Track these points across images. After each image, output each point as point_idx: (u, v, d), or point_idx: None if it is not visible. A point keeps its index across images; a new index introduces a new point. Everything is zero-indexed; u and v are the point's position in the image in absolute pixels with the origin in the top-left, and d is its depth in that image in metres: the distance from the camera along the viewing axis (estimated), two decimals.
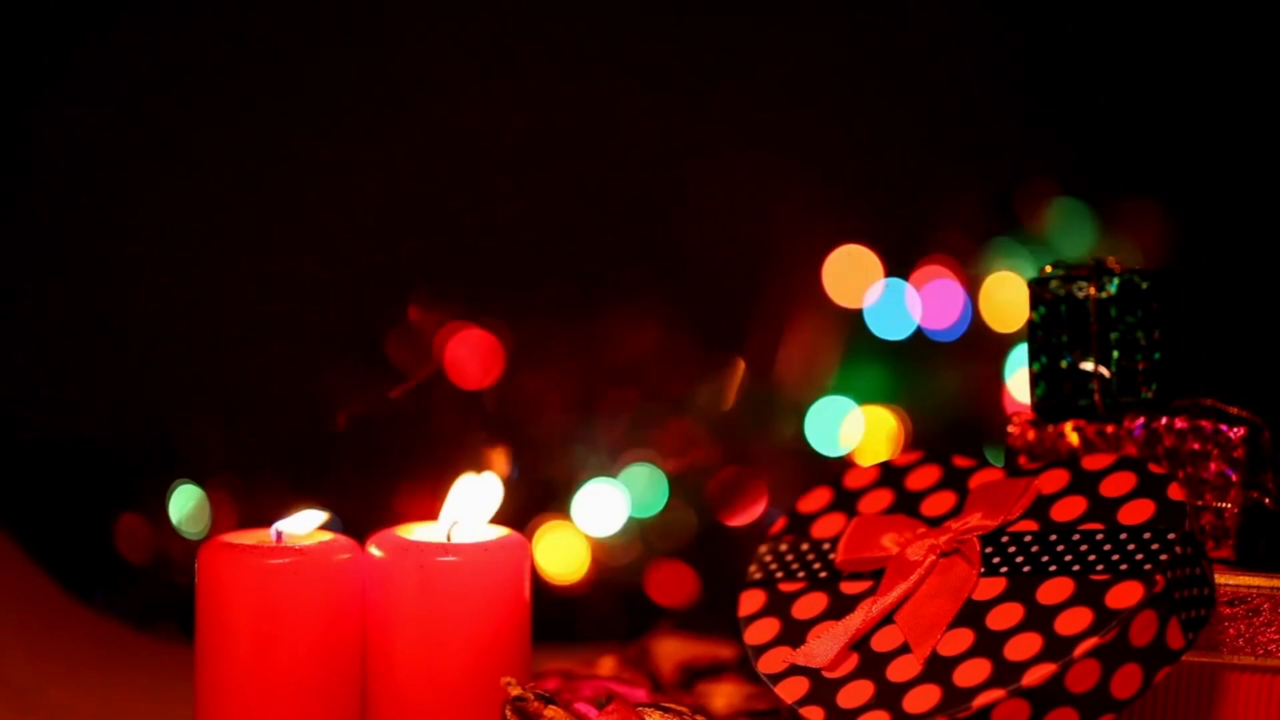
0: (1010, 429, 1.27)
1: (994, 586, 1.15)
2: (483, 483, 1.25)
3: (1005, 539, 1.17)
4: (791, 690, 1.15)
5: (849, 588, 1.19)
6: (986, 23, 1.69)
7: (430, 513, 1.26)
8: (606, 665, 1.38)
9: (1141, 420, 1.24)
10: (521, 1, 1.69)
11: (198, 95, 1.68)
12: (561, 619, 1.59)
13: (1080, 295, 1.25)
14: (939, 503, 1.22)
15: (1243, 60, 1.65)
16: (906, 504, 1.23)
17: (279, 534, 1.23)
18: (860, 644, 1.15)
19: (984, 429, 1.62)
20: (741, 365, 1.66)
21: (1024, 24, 1.68)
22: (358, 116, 1.69)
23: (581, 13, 1.69)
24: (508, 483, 1.62)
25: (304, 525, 1.23)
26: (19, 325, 1.68)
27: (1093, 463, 1.19)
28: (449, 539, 1.23)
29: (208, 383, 1.68)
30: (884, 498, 1.24)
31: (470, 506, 1.24)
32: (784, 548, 1.24)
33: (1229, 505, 1.21)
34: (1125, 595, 1.10)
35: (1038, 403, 1.26)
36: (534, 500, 1.63)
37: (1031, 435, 1.26)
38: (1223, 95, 1.66)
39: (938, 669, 1.12)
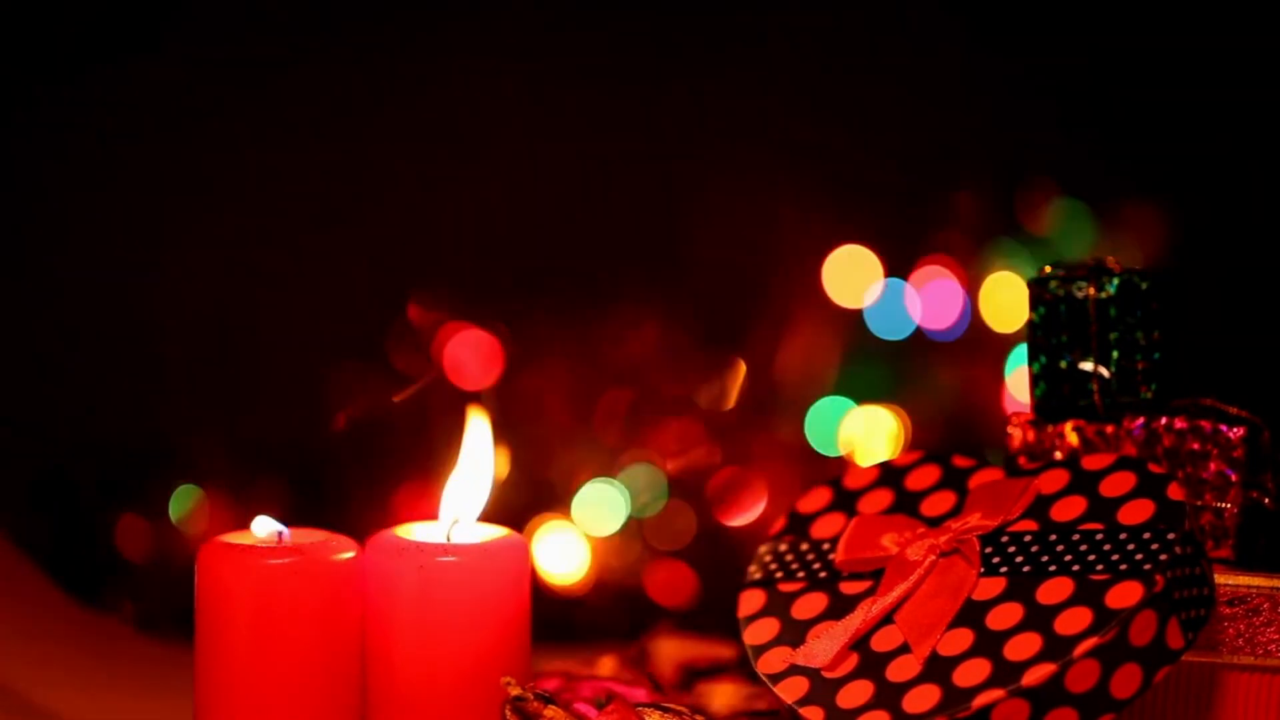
0: (1010, 429, 1.27)
1: (994, 586, 1.15)
2: (477, 430, 1.25)
3: (1005, 539, 1.17)
4: (791, 690, 1.15)
5: (849, 588, 1.19)
6: (986, 23, 1.69)
7: (430, 513, 1.26)
8: (606, 665, 1.38)
9: (1141, 420, 1.24)
10: (520, 3, 1.69)
11: (197, 94, 1.68)
12: (561, 619, 1.59)
13: (1080, 295, 1.25)
14: (939, 503, 1.22)
15: (1243, 60, 1.65)
16: (906, 504, 1.23)
17: (279, 534, 1.23)
18: (860, 644, 1.15)
19: (984, 429, 1.62)
20: (741, 365, 1.66)
21: (1024, 24, 1.68)
22: (358, 116, 1.69)
23: (581, 13, 1.69)
24: (508, 483, 1.63)
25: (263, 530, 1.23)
26: (18, 325, 1.68)
27: (1092, 463, 1.19)
28: (449, 539, 1.23)
29: (208, 383, 1.68)
30: (884, 498, 1.24)
31: (464, 494, 1.24)
32: (784, 548, 1.24)
33: (1228, 505, 1.21)
34: (1125, 595, 1.10)
35: (1037, 403, 1.26)
36: (534, 500, 1.63)
37: (1031, 435, 1.26)
38: (1223, 95, 1.66)
39: (937, 669, 1.12)
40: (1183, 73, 1.66)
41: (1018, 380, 1.62)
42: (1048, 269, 1.26)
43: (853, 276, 1.66)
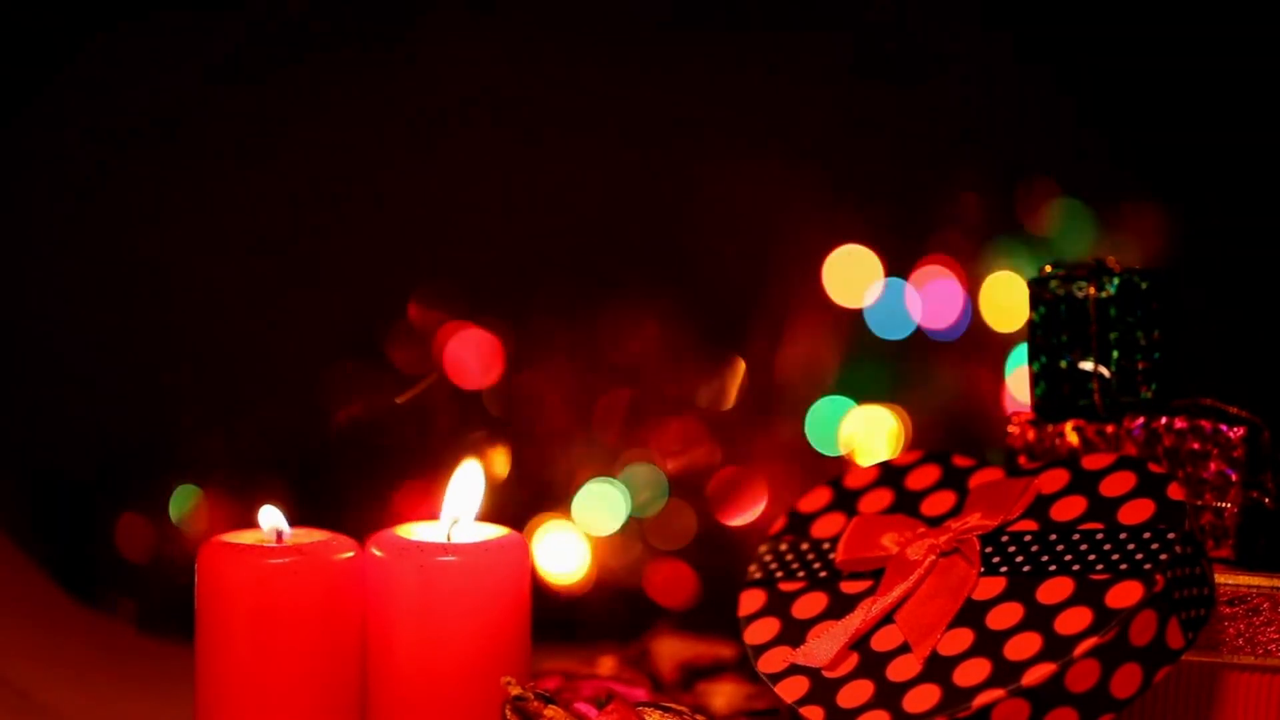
0: (1010, 429, 1.27)
1: (994, 586, 1.15)
2: (469, 471, 1.25)
3: (1005, 539, 1.17)
4: (791, 690, 1.15)
5: (849, 587, 1.19)
6: (986, 23, 1.69)
7: (430, 512, 1.26)
8: (606, 665, 1.38)
9: (1141, 420, 1.24)
10: (521, 4, 1.69)
11: (197, 93, 1.68)
12: (561, 619, 1.59)
13: (1080, 295, 1.25)
14: (939, 502, 1.22)
15: (1242, 59, 1.65)
16: (906, 504, 1.23)
17: (279, 534, 1.23)
18: (860, 644, 1.15)
19: (984, 429, 1.62)
20: (741, 365, 1.66)
21: (1023, 24, 1.68)
22: (358, 115, 1.69)
23: (582, 15, 1.69)
24: (508, 483, 1.63)
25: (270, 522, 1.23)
26: (18, 325, 1.68)
27: (1093, 462, 1.19)
28: (449, 539, 1.23)
29: (208, 383, 1.68)
30: (884, 497, 1.24)
31: (462, 495, 1.24)
32: (784, 547, 1.24)
33: (1229, 505, 1.21)
34: (1125, 595, 1.10)
35: (1038, 403, 1.26)
36: (534, 500, 1.63)
37: (1031, 435, 1.26)
38: (1223, 95, 1.66)
39: (937, 669, 1.12)
40: (1183, 72, 1.66)
41: (1018, 380, 1.62)
42: (1048, 269, 1.26)
43: (853, 276, 1.66)
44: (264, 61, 1.68)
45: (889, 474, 1.25)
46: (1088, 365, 1.25)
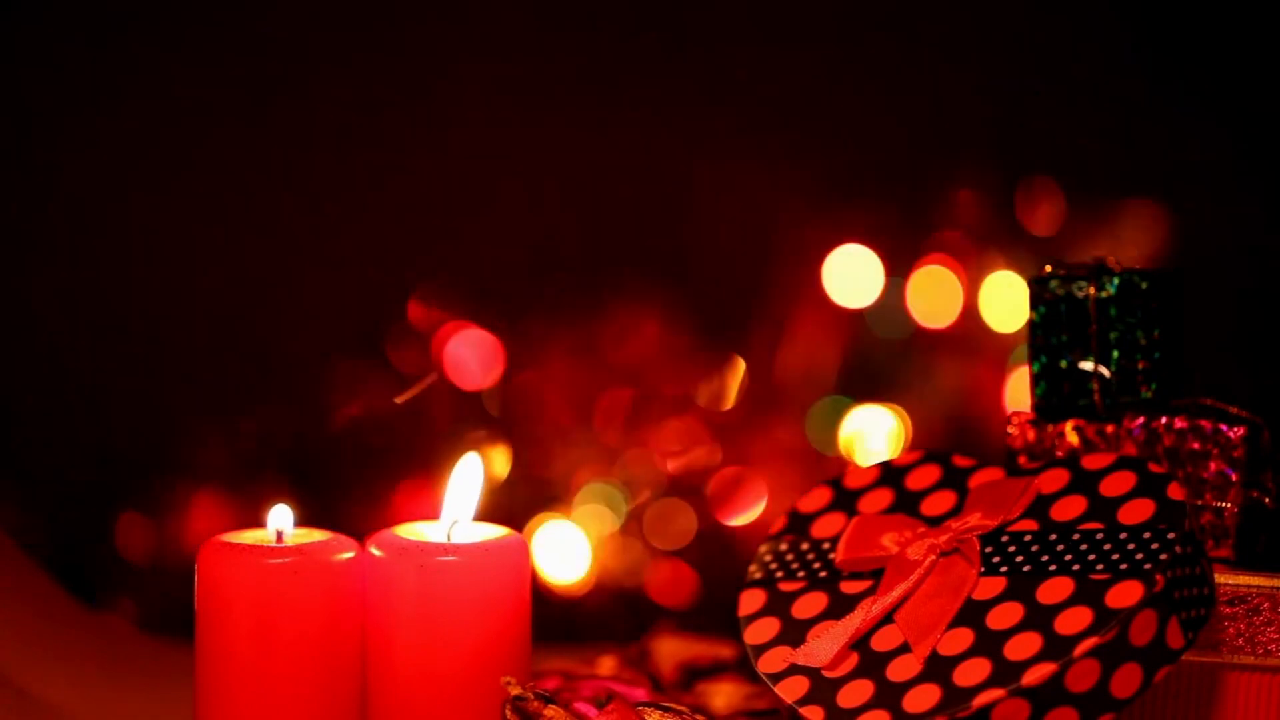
0: (1010, 429, 1.27)
1: (994, 586, 1.15)
2: (469, 466, 1.25)
3: (1005, 538, 1.17)
4: (791, 690, 1.15)
5: (849, 587, 1.19)
6: (986, 22, 1.69)
7: (430, 512, 1.26)
8: (606, 665, 1.38)
9: (1141, 420, 1.24)
10: (521, 5, 1.69)
11: (198, 92, 1.68)
12: (561, 619, 1.59)
13: (1080, 295, 1.25)
14: (939, 502, 1.22)
15: (1243, 59, 1.65)
16: (906, 503, 1.23)
17: (279, 534, 1.23)
18: (860, 643, 1.15)
19: (984, 429, 1.62)
20: (741, 365, 1.66)
21: (1023, 23, 1.68)
22: (359, 116, 1.69)
23: (581, 15, 1.69)
24: (508, 483, 1.63)
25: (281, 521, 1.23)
26: (18, 324, 1.68)
27: (1093, 462, 1.19)
28: (449, 539, 1.23)
29: (208, 383, 1.68)
30: (884, 497, 1.24)
31: (461, 490, 1.24)
32: (784, 547, 1.24)
33: (1229, 505, 1.21)
34: (1125, 595, 1.10)
35: (1038, 403, 1.26)
36: (534, 500, 1.63)
37: (1031, 435, 1.26)
38: (1223, 95, 1.66)
39: (938, 668, 1.12)
40: (1182, 72, 1.66)
41: (1018, 380, 1.62)
42: (1048, 269, 1.26)
43: (853, 276, 1.66)
44: (264, 61, 1.68)
45: (889, 474, 1.25)
46: (1088, 365, 1.25)
